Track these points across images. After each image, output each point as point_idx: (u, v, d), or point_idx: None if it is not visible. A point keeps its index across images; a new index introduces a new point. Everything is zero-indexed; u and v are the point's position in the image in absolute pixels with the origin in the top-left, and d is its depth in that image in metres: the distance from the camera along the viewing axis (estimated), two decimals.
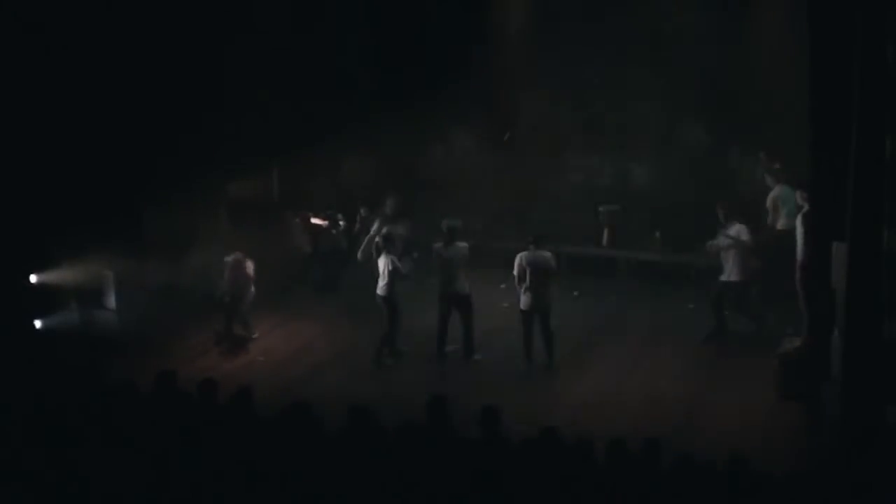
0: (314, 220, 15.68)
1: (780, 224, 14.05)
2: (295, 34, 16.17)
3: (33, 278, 13.53)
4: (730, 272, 12.75)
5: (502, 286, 13.84)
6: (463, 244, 12.51)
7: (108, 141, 13.38)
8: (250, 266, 13.55)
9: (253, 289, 13.62)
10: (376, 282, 12.81)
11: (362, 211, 15.43)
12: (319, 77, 16.39)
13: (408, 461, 7.53)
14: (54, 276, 13.62)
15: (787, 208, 13.77)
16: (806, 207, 12.25)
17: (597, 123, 16.90)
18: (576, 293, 14.88)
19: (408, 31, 17.03)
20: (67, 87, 12.97)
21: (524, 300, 12.33)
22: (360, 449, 7.70)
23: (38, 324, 13.59)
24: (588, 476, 7.25)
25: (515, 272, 12.29)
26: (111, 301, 14.03)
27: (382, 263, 12.70)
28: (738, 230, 12.67)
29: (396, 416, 7.98)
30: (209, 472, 7.67)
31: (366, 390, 11.30)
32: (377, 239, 13.00)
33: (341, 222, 15.67)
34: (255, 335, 13.62)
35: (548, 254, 12.32)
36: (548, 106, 17.06)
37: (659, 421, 10.60)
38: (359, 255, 13.76)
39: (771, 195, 14.31)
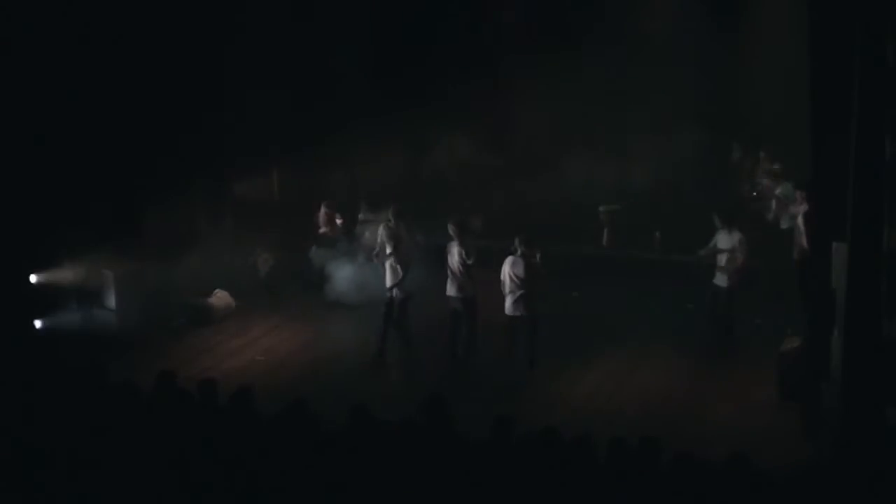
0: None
1: (784, 223, 14.07)
2: (295, 35, 16.18)
3: (33, 278, 13.53)
4: (720, 277, 12.72)
5: None
6: (467, 245, 12.43)
7: (108, 141, 13.38)
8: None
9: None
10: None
11: (362, 209, 15.43)
12: (320, 78, 16.40)
13: (407, 460, 7.53)
14: (54, 276, 13.62)
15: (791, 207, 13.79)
16: (804, 207, 12.27)
17: (597, 124, 16.90)
18: (576, 293, 14.88)
19: (408, 33, 17.04)
20: (67, 87, 12.97)
21: (510, 305, 12.20)
22: (359, 448, 7.70)
23: (38, 324, 13.59)
24: (588, 476, 7.25)
25: (502, 277, 12.15)
26: (111, 301, 14.04)
27: (387, 263, 12.76)
28: (735, 240, 12.59)
29: (396, 416, 7.98)
30: (209, 472, 7.67)
31: (365, 389, 11.31)
32: (384, 240, 13.00)
33: (338, 221, 15.65)
34: None
35: (535, 257, 12.11)
36: (548, 106, 17.07)
37: (659, 421, 10.61)
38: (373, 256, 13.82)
39: (777, 193, 14.33)
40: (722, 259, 12.65)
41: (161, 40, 13.74)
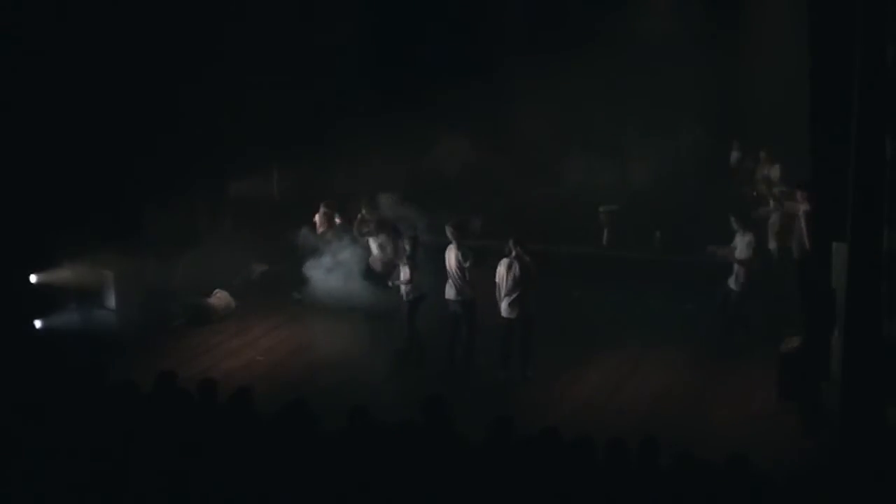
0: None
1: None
2: (296, 34, 16.18)
3: (33, 278, 13.53)
4: (733, 280, 12.71)
5: None
6: (465, 247, 12.35)
7: (107, 140, 13.38)
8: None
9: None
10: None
11: (363, 208, 15.41)
12: (321, 77, 16.40)
13: (406, 461, 7.53)
14: (54, 276, 13.62)
15: None
16: (804, 207, 12.27)
17: (597, 124, 16.91)
18: (576, 293, 14.88)
19: (408, 33, 17.06)
20: (67, 86, 12.96)
21: (506, 307, 12.10)
22: (358, 448, 7.70)
23: (38, 324, 13.59)
24: (588, 476, 7.25)
25: (497, 279, 12.06)
26: (111, 301, 14.04)
27: (406, 267, 12.68)
28: (749, 241, 12.59)
29: (395, 416, 7.98)
30: (209, 472, 7.67)
31: (365, 390, 11.30)
32: (405, 244, 12.90)
33: (338, 220, 15.62)
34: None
35: (527, 258, 11.97)
36: (548, 107, 17.10)
37: (659, 421, 10.60)
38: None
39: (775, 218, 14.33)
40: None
41: (161, 39, 13.74)
